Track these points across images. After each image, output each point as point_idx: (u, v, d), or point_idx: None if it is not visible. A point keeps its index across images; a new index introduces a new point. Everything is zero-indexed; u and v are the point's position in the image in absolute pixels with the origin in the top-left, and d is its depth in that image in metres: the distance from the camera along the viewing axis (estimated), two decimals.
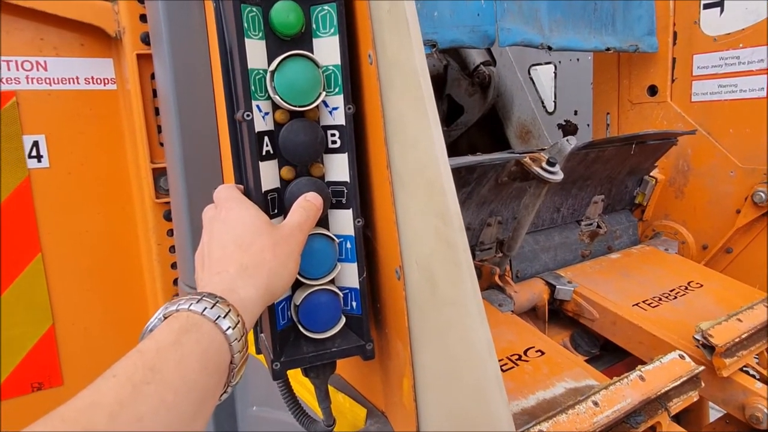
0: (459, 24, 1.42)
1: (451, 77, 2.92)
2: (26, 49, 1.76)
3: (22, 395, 1.80)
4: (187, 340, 0.58)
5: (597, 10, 1.76)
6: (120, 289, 1.95)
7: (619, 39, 1.83)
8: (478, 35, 1.45)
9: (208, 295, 0.63)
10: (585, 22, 1.75)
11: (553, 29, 1.66)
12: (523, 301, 1.55)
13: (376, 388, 0.96)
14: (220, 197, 0.80)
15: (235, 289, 0.67)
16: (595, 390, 1.12)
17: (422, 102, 0.63)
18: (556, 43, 1.66)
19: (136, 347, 0.57)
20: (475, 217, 1.54)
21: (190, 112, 1.50)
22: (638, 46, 1.86)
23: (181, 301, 0.62)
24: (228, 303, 0.63)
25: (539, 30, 1.62)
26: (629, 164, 1.83)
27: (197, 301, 0.62)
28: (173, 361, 0.56)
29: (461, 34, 1.43)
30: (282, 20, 0.76)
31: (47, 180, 1.81)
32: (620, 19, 1.84)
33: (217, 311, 0.61)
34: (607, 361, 1.57)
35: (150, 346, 0.57)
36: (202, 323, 0.60)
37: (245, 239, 0.72)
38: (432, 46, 1.37)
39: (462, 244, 0.63)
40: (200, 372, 0.58)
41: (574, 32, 1.72)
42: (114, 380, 0.53)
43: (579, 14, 1.74)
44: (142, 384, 0.53)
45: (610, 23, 1.81)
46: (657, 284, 1.65)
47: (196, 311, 0.61)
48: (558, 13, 1.68)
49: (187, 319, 0.60)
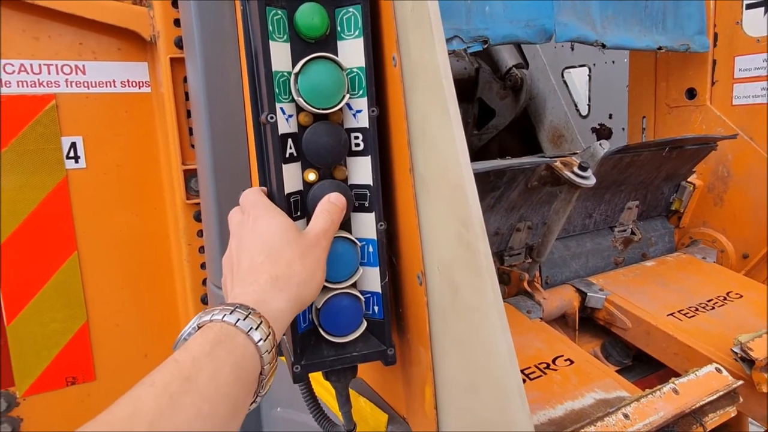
0: (513, 19, 1.38)
1: (483, 80, 2.89)
2: (66, 53, 1.81)
3: (56, 389, 1.85)
4: (221, 350, 0.60)
5: (648, 8, 1.71)
6: (151, 287, 1.99)
7: (670, 38, 1.77)
8: (534, 30, 1.41)
9: (240, 306, 0.64)
10: (636, 20, 1.70)
11: (605, 27, 1.62)
12: (553, 308, 1.52)
13: (398, 393, 0.95)
14: (247, 202, 0.80)
15: (267, 301, 0.68)
16: (626, 402, 1.08)
17: (444, 103, 0.62)
18: (610, 40, 1.61)
19: (172, 356, 0.59)
20: (504, 222, 1.52)
21: (220, 115, 1.52)
22: (689, 45, 1.80)
23: (214, 312, 0.64)
24: (260, 315, 0.65)
25: (592, 27, 1.57)
26: (666, 169, 1.77)
27: (230, 312, 0.63)
28: (208, 372, 0.58)
29: (516, 29, 1.39)
30: (307, 22, 0.76)
31: (84, 180, 1.86)
32: (671, 17, 1.78)
33: (249, 323, 0.63)
34: (639, 372, 1.52)
35: (185, 356, 0.58)
36: (235, 334, 0.62)
37: (274, 249, 0.72)
38: (483, 42, 1.34)
39: (484, 249, 0.61)
40: (233, 383, 0.59)
41: (626, 30, 1.67)
42: (152, 389, 0.55)
43: (630, 12, 1.69)
44: (179, 394, 0.55)
45: (661, 21, 1.76)
46: (694, 294, 1.59)
47: (229, 322, 0.62)
48: (609, 11, 1.63)
49: (221, 329, 0.62)
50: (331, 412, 0.98)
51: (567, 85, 2.74)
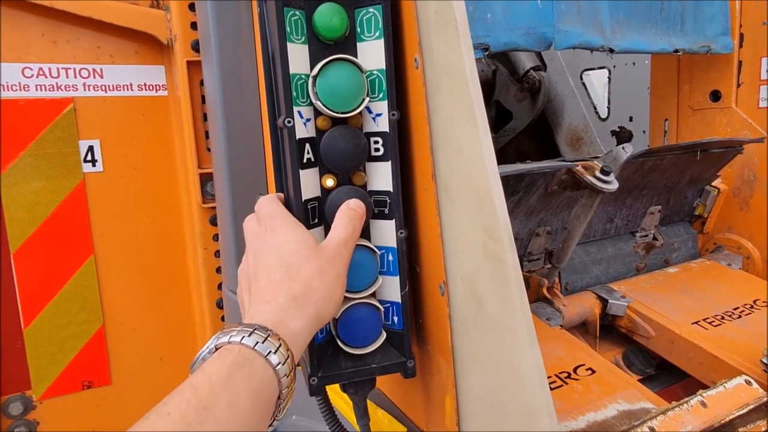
0: (514, 26, 1.36)
1: (500, 82, 2.86)
2: (84, 57, 1.82)
3: (72, 393, 1.86)
4: (239, 376, 0.59)
5: (664, 9, 1.65)
6: (167, 291, 1.99)
7: (689, 40, 1.71)
8: (533, 38, 1.38)
9: (259, 328, 0.63)
10: (651, 22, 1.65)
11: (615, 30, 1.57)
12: (573, 316, 1.49)
13: (418, 406, 0.92)
14: (263, 212, 0.77)
15: (285, 322, 0.66)
16: (651, 414, 1.05)
17: (470, 107, 0.59)
18: (619, 45, 1.56)
19: (188, 381, 0.58)
20: (523, 227, 1.49)
21: (236, 119, 1.51)
22: (711, 47, 1.73)
23: (233, 333, 0.62)
24: (278, 337, 0.63)
25: (600, 31, 1.53)
26: (689, 173, 1.73)
27: (249, 335, 0.62)
28: (226, 400, 0.56)
29: (516, 37, 1.37)
30: (325, 24, 0.74)
31: (101, 183, 1.87)
32: (690, 18, 1.72)
33: (267, 346, 0.61)
34: (663, 381, 1.48)
35: (203, 381, 0.57)
36: (253, 358, 0.60)
37: (293, 266, 0.70)
38: (484, 50, 1.32)
39: (512, 261, 0.58)
40: (251, 410, 0.58)
41: (639, 33, 1.62)
42: (169, 419, 0.53)
43: (644, 14, 1.63)
44: (196, 424, 0.53)
45: (679, 23, 1.70)
46: (719, 301, 1.55)
47: (248, 345, 0.61)
48: (621, 14, 1.59)
49: (239, 353, 0.60)
50: (348, 423, 0.96)
51: (586, 87, 2.70)
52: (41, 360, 1.81)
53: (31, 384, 1.80)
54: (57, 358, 1.83)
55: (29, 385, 1.80)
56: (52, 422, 1.83)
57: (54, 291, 1.82)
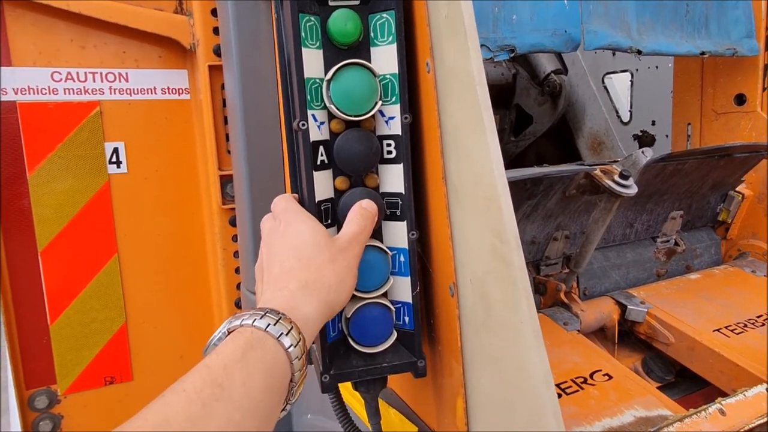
0: (540, 27, 1.34)
1: (521, 86, 2.84)
2: (111, 61, 1.87)
3: (95, 388, 1.90)
4: (252, 357, 0.59)
5: (689, 11, 1.64)
6: (187, 290, 2.03)
7: (714, 42, 1.69)
8: (561, 38, 1.37)
9: (270, 311, 0.64)
10: (676, 24, 1.63)
11: (641, 32, 1.55)
12: (591, 321, 1.47)
13: (429, 406, 0.93)
14: (278, 209, 0.79)
15: (297, 306, 0.67)
16: (668, 421, 1.03)
17: (478, 111, 0.60)
18: (647, 47, 1.54)
19: (203, 362, 0.59)
20: (541, 231, 1.48)
21: (255, 122, 1.54)
22: (736, 49, 1.71)
23: (244, 316, 0.63)
24: (290, 320, 0.64)
25: (627, 33, 1.51)
26: (712, 178, 1.70)
27: (261, 317, 0.63)
28: (240, 380, 0.57)
29: (542, 38, 1.36)
30: (340, 29, 0.76)
31: (125, 185, 1.91)
32: (714, 21, 1.70)
33: (279, 328, 0.62)
34: (682, 389, 1.45)
35: (217, 362, 0.58)
36: (265, 339, 0.61)
37: (304, 255, 0.71)
38: (510, 51, 1.31)
39: (518, 263, 0.59)
40: (265, 391, 0.59)
41: (665, 36, 1.60)
42: (184, 395, 0.54)
43: (670, 16, 1.61)
44: (211, 401, 0.54)
45: (704, 26, 1.68)
46: (742, 309, 1.52)
47: (259, 327, 0.62)
48: (647, 15, 1.57)
49: (252, 334, 0.61)
50: (361, 421, 0.97)
51: (608, 91, 2.67)
52: (66, 355, 1.86)
53: (56, 378, 1.85)
54: (81, 354, 1.88)
55: (54, 380, 1.85)
56: (76, 416, 1.88)
57: (79, 288, 1.87)
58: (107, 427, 1.88)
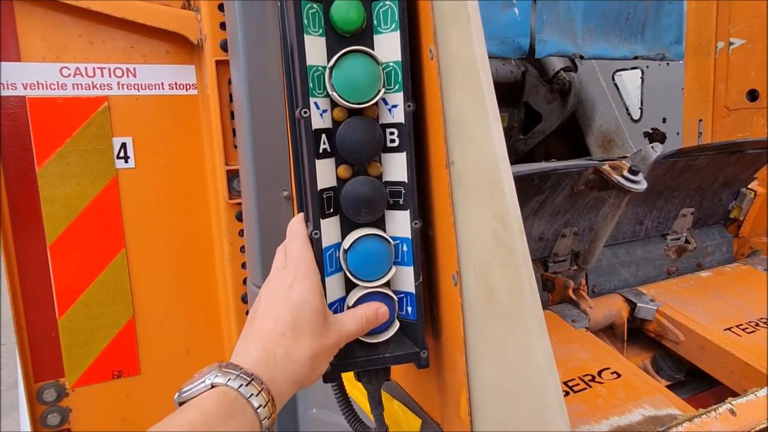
0: (491, 35, 1.46)
1: (530, 84, 2.83)
2: (119, 57, 1.87)
3: (103, 381, 1.91)
4: (233, 425, 0.64)
5: (629, 18, 1.79)
6: (194, 285, 2.03)
7: (647, 47, 1.87)
8: (509, 46, 1.53)
9: (255, 379, 0.68)
10: (617, 30, 1.80)
11: (585, 38, 1.73)
12: (599, 318, 1.46)
13: (433, 397, 0.92)
14: (292, 254, 0.79)
15: (277, 380, 0.71)
16: (677, 421, 1.02)
17: (481, 96, 0.59)
18: (588, 52, 1.71)
19: (185, 415, 0.62)
20: (549, 227, 1.47)
21: (262, 117, 1.54)
22: (665, 54, 1.90)
23: (231, 377, 0.67)
24: (269, 393, 0.68)
25: (573, 40, 1.68)
26: (724, 175, 1.68)
27: (247, 384, 0.67)
28: None
29: (491, 46, 1.48)
30: (342, 16, 0.75)
31: (133, 179, 1.92)
32: (650, 27, 1.86)
33: (260, 400, 0.67)
34: (692, 388, 1.43)
35: (199, 420, 0.62)
36: (245, 408, 0.65)
37: (300, 328, 0.74)
38: None
39: (521, 248, 0.58)
40: None
41: (605, 41, 1.80)
42: None
43: (612, 22, 1.78)
44: None
45: (640, 32, 1.85)
46: (754, 308, 1.49)
47: (244, 394, 0.66)
48: (592, 22, 1.72)
49: (236, 400, 0.65)
50: (364, 414, 0.96)
51: (618, 88, 2.65)
52: (74, 349, 1.87)
53: (64, 372, 1.86)
54: (89, 348, 1.89)
55: (63, 373, 1.86)
56: (84, 409, 1.88)
57: (87, 283, 1.88)
58: (115, 421, 1.89)
